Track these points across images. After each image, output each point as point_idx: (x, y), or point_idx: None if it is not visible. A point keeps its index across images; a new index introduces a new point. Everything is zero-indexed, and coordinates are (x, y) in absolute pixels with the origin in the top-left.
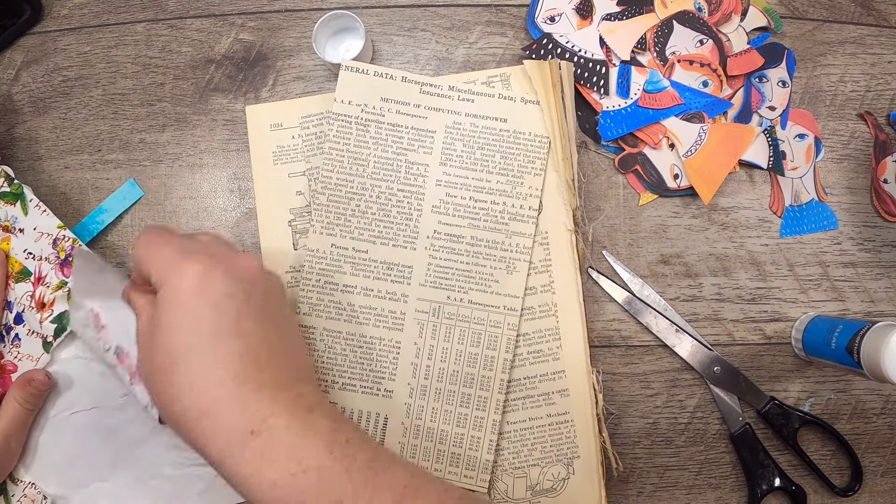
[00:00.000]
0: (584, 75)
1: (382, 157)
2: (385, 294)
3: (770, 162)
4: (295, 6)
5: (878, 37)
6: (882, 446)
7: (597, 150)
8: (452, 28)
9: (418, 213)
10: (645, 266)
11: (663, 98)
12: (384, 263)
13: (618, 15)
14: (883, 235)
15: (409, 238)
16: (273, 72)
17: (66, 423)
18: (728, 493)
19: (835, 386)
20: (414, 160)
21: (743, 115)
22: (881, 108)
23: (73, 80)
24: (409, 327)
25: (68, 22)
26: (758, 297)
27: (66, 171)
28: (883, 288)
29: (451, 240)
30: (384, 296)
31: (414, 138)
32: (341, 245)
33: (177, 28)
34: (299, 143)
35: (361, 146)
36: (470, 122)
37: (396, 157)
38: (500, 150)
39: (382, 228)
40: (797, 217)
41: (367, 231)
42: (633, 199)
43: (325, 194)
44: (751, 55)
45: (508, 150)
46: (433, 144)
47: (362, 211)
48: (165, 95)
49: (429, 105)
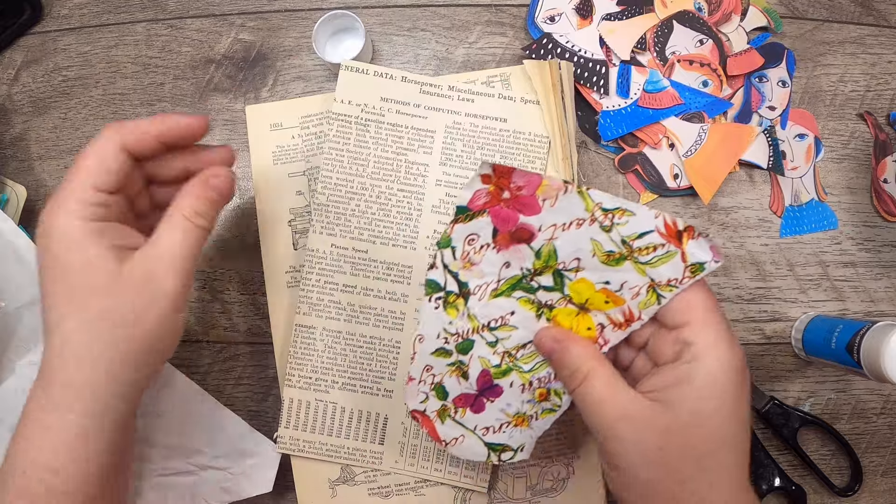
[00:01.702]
0: (584, 75)
1: (382, 156)
2: (385, 294)
3: (770, 162)
4: (295, 6)
5: (878, 37)
6: (882, 446)
7: (597, 150)
8: (452, 28)
9: (418, 213)
10: None
11: (663, 98)
12: (384, 263)
13: (618, 15)
14: (883, 235)
15: (409, 238)
16: (273, 72)
17: None
18: None
19: (835, 386)
20: (414, 160)
21: (743, 115)
22: (881, 108)
23: (73, 80)
24: (409, 327)
25: (68, 22)
26: (758, 296)
27: (65, 171)
28: (883, 288)
29: None
30: (384, 296)
31: (414, 138)
32: (341, 245)
33: (177, 28)
34: (299, 143)
35: (361, 146)
36: (470, 121)
37: (396, 157)
38: (500, 150)
39: (382, 228)
40: (797, 217)
41: (367, 231)
42: (634, 199)
43: (325, 194)
44: (751, 55)
45: (508, 150)
46: (433, 144)
47: (362, 211)
48: (165, 95)
49: (429, 105)
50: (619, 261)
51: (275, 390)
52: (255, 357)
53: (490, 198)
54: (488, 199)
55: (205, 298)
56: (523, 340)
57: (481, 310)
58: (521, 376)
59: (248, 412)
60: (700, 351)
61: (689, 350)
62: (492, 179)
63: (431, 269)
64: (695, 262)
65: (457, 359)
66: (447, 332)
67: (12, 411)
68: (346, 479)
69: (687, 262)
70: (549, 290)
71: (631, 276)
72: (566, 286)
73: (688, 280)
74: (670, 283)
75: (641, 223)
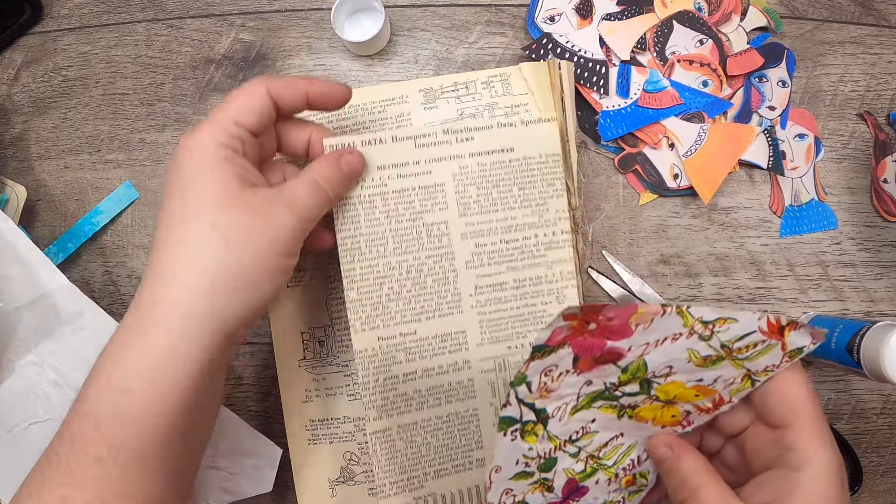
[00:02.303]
0: (583, 75)
1: (399, 228)
2: (447, 367)
3: (770, 162)
4: (295, 6)
5: (878, 37)
6: (882, 446)
7: (597, 149)
8: (452, 28)
9: (454, 275)
10: (645, 266)
11: (663, 98)
12: (436, 337)
13: (618, 15)
14: (883, 235)
15: (453, 303)
16: (273, 72)
17: (25, 436)
18: None
19: (835, 386)
20: (432, 220)
21: (743, 115)
22: (881, 108)
23: (73, 80)
24: (481, 391)
25: (68, 22)
26: (758, 296)
27: (65, 171)
28: (883, 288)
29: (495, 289)
30: (447, 370)
31: (425, 198)
32: (387, 335)
33: (177, 28)
34: None
35: (374, 225)
36: (476, 162)
37: (413, 224)
38: (516, 183)
39: (423, 302)
40: (797, 217)
41: (408, 311)
42: (633, 199)
43: (354, 288)
44: (751, 55)
45: (525, 180)
46: (446, 198)
47: (397, 292)
48: (165, 95)
49: (429, 158)
50: (716, 362)
51: (275, 390)
52: (255, 357)
53: (572, 332)
54: (570, 333)
55: None
56: (605, 440)
57: (562, 428)
58: (606, 472)
59: (249, 412)
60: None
61: (793, 455)
62: (577, 317)
63: (505, 407)
64: (794, 348)
65: (540, 477)
66: (527, 458)
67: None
68: (346, 479)
69: (787, 349)
70: (634, 395)
71: (727, 371)
72: (653, 389)
73: (785, 364)
74: (767, 369)
75: (744, 327)
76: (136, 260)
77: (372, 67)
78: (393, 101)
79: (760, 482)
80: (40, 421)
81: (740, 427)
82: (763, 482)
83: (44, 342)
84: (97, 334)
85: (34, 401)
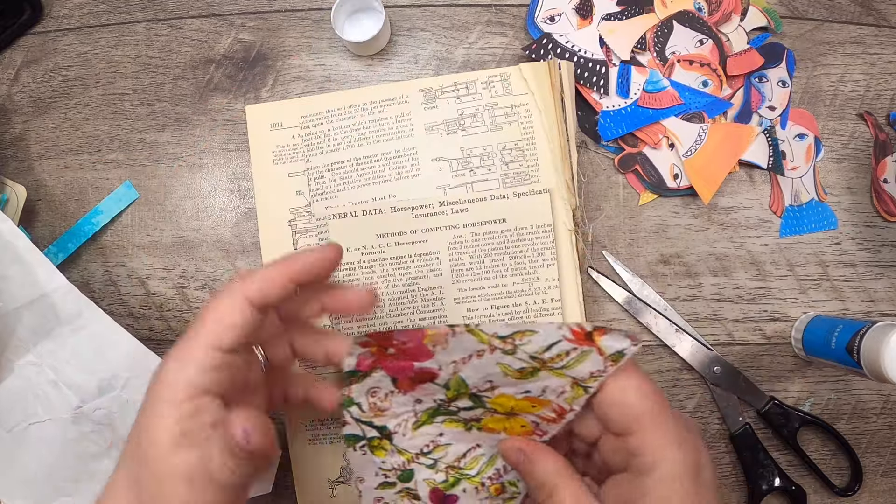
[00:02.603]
0: (583, 75)
1: (395, 292)
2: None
3: (770, 162)
4: (295, 6)
5: (878, 37)
6: (882, 446)
7: (597, 149)
8: (452, 28)
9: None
10: (645, 266)
11: (663, 98)
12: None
13: (618, 15)
14: (883, 235)
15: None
16: (273, 72)
17: (24, 436)
18: (728, 493)
19: (835, 386)
20: (426, 286)
21: (743, 115)
22: (881, 108)
23: (73, 80)
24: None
25: (68, 22)
26: (758, 296)
27: (66, 171)
28: (883, 288)
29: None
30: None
31: (420, 265)
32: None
33: (177, 28)
34: (299, 143)
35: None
36: (470, 232)
37: (409, 289)
38: (507, 252)
39: None
40: (797, 217)
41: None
42: (633, 199)
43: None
44: (751, 55)
45: (516, 250)
46: (440, 265)
47: None
48: (165, 95)
49: (425, 227)
50: (533, 373)
51: None
52: None
53: (376, 357)
54: (375, 359)
55: (205, 298)
56: (461, 451)
57: (408, 443)
58: (470, 482)
59: None
60: (653, 462)
61: (639, 461)
62: (372, 343)
63: (345, 426)
64: (613, 352)
65: (402, 487)
66: (383, 470)
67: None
68: (346, 479)
69: (605, 354)
70: (470, 409)
71: (551, 382)
72: (486, 402)
73: (611, 368)
74: (594, 375)
75: (546, 338)
76: (136, 260)
77: (372, 67)
78: (393, 101)
79: (616, 482)
80: (39, 421)
81: (594, 435)
82: (618, 483)
83: (43, 342)
84: (96, 335)
85: (33, 401)
